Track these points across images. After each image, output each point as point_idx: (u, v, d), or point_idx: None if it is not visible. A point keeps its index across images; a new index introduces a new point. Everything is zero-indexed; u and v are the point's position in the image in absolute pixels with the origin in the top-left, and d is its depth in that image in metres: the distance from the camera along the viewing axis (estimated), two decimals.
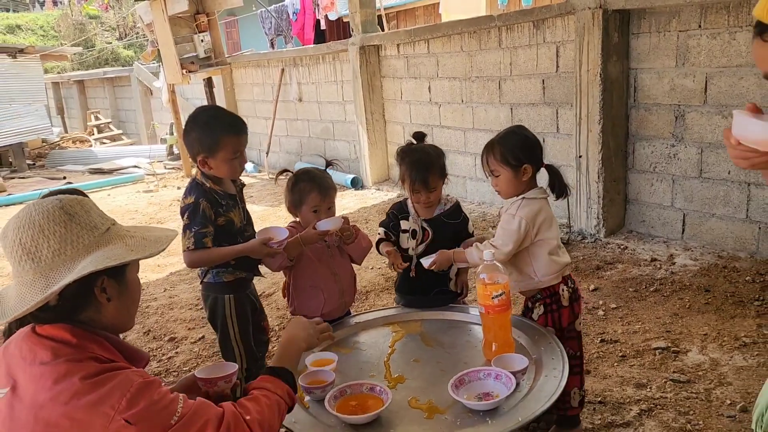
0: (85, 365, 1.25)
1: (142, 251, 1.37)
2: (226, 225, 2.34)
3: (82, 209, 1.35)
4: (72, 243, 1.30)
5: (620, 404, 2.50)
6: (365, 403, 1.81)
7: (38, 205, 1.33)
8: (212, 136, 2.28)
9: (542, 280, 2.20)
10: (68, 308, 1.31)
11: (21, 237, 1.29)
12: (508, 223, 2.15)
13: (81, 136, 12.92)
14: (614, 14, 4.20)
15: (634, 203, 4.56)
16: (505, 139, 2.17)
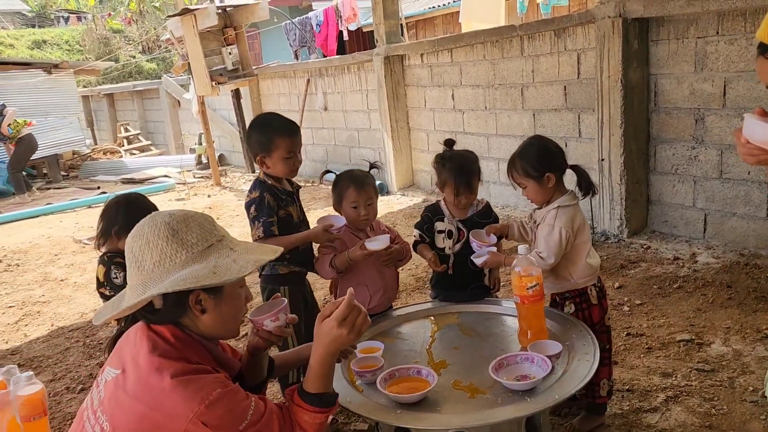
0: (175, 364, 1.42)
1: (221, 276, 1.43)
2: (286, 217, 2.58)
3: (185, 227, 1.47)
4: (170, 257, 1.44)
5: (647, 392, 2.65)
6: (413, 384, 1.99)
7: (152, 219, 1.49)
8: (267, 137, 2.54)
9: (578, 282, 2.34)
10: (170, 313, 1.47)
11: (133, 246, 1.48)
12: (550, 234, 2.27)
13: (111, 147, 13.31)
14: (634, 22, 4.36)
15: (656, 204, 4.69)
16: (524, 153, 2.32)
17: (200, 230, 1.49)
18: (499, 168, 6.06)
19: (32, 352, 3.82)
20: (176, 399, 1.37)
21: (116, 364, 1.50)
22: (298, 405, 1.53)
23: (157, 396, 1.38)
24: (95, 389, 1.53)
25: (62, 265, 5.73)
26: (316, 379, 1.55)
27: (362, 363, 2.11)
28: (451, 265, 2.56)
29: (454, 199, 2.51)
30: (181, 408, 1.36)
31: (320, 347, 1.55)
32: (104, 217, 2.52)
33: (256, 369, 1.78)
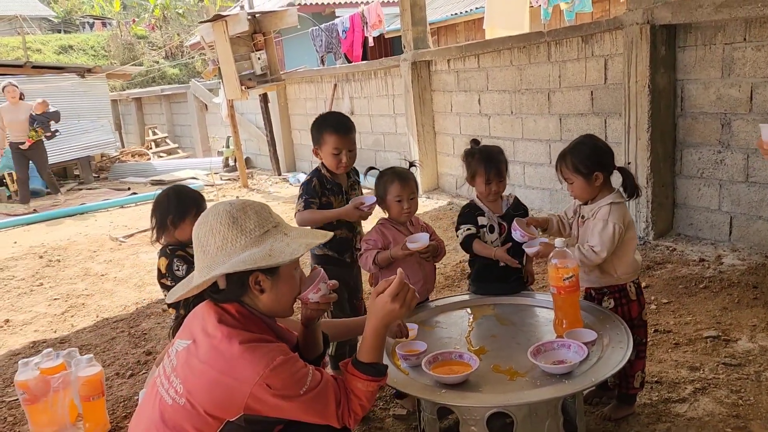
0: (242, 332, 1.59)
1: (276, 258, 1.58)
2: (326, 204, 2.84)
3: (244, 214, 1.62)
4: (232, 241, 1.60)
5: (676, 383, 2.75)
6: (455, 367, 2.12)
7: (215, 208, 1.66)
8: (319, 132, 2.83)
9: (621, 277, 2.43)
10: (233, 292, 1.64)
11: (199, 233, 1.65)
12: (604, 229, 2.34)
13: (140, 150, 13.61)
14: (661, 29, 4.46)
15: (682, 207, 4.77)
16: (576, 150, 2.40)
17: (257, 217, 1.64)
18: (524, 172, 6.17)
19: (80, 341, 4.01)
20: (244, 363, 1.53)
21: (186, 335, 1.67)
22: (352, 374, 1.68)
23: (228, 360, 1.54)
24: (166, 359, 1.69)
25: (101, 261, 5.94)
26: (370, 349, 1.70)
27: (407, 347, 2.25)
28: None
29: (485, 188, 2.62)
30: (249, 371, 1.52)
31: (374, 320, 1.69)
32: (157, 209, 2.64)
33: (312, 342, 1.92)
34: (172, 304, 2.40)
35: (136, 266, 5.65)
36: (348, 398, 1.66)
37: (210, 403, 1.53)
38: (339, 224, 2.86)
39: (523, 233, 2.45)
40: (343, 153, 2.79)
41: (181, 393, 1.57)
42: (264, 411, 1.54)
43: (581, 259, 2.36)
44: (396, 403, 2.82)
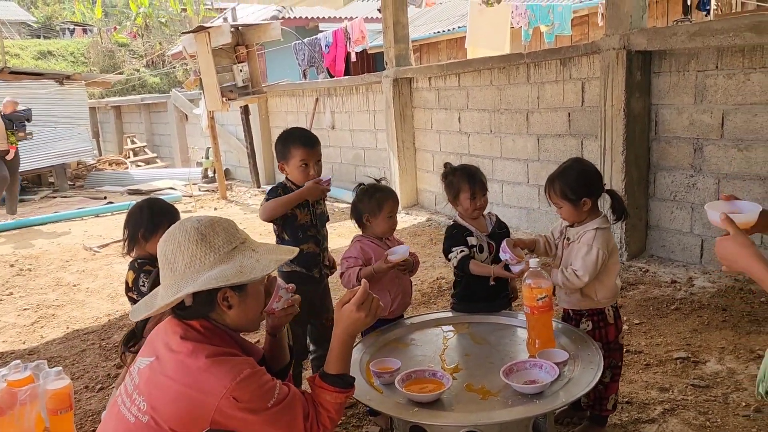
0: (208, 347, 1.58)
1: (247, 275, 1.58)
2: (291, 217, 2.85)
3: (212, 231, 1.62)
4: (200, 259, 1.59)
5: (645, 404, 2.78)
6: (429, 385, 2.12)
7: (182, 224, 1.65)
8: (285, 146, 2.84)
9: (601, 301, 2.46)
10: (200, 309, 1.63)
11: (165, 250, 1.64)
12: (588, 254, 2.36)
13: (117, 158, 13.48)
14: (637, 55, 4.57)
15: (655, 229, 4.86)
16: (563, 175, 2.42)
17: (225, 234, 1.64)
18: (502, 190, 6.23)
19: (49, 352, 3.93)
20: (210, 376, 1.52)
21: (149, 353, 1.65)
22: (320, 387, 1.70)
23: (194, 374, 1.53)
24: (128, 378, 1.67)
25: (74, 271, 5.85)
26: (338, 360, 1.73)
27: (380, 365, 2.25)
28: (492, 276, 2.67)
29: (471, 203, 2.64)
30: (215, 384, 1.51)
31: (341, 330, 1.73)
32: (129, 222, 2.65)
33: (279, 351, 1.92)
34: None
35: (110, 277, 5.58)
36: (317, 411, 1.66)
37: (175, 418, 1.52)
38: (306, 239, 2.88)
39: (512, 256, 2.46)
40: (311, 165, 2.82)
41: (144, 410, 1.55)
42: (231, 425, 1.52)
43: (564, 283, 2.39)
44: (369, 421, 2.81)
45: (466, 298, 2.74)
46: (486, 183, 2.70)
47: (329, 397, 1.68)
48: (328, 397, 1.68)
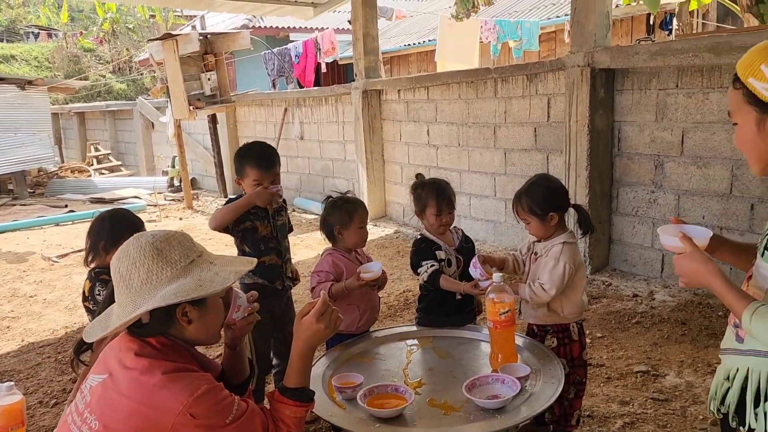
0: (164, 362, 1.54)
1: (207, 288, 1.55)
2: (251, 229, 2.82)
3: (168, 245, 1.58)
4: (156, 275, 1.55)
5: (606, 418, 2.81)
6: (391, 401, 2.11)
7: (136, 240, 1.60)
8: (241, 164, 2.81)
9: (567, 317, 2.48)
10: (158, 326, 1.58)
11: (120, 267, 1.59)
12: (555, 267, 2.38)
13: (80, 165, 13.19)
14: (600, 72, 4.66)
15: (617, 243, 4.94)
16: (530, 191, 2.45)
17: (182, 248, 1.60)
18: (470, 203, 6.28)
19: (2, 366, 3.80)
20: (167, 393, 1.47)
21: (101, 370, 1.60)
22: (279, 401, 1.67)
23: (149, 391, 1.48)
24: (79, 396, 1.62)
25: (31, 282, 5.68)
26: (297, 373, 1.71)
27: (342, 380, 2.23)
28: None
29: (436, 219, 2.64)
30: (172, 401, 1.46)
31: (300, 342, 1.71)
32: (91, 233, 2.61)
33: (239, 364, 1.88)
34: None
35: (68, 288, 5.43)
36: (276, 426, 1.63)
37: None
38: (268, 251, 2.85)
39: (482, 272, 2.46)
40: (264, 185, 2.80)
41: (95, 429, 1.50)
42: None
43: (531, 296, 2.41)
44: None
45: (432, 312, 2.73)
46: (454, 199, 2.70)
47: (289, 411, 1.65)
48: (288, 412, 1.65)
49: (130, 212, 2.75)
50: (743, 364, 1.40)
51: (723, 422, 1.48)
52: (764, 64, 1.29)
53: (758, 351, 1.36)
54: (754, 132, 1.34)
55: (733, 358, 1.45)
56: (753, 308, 1.28)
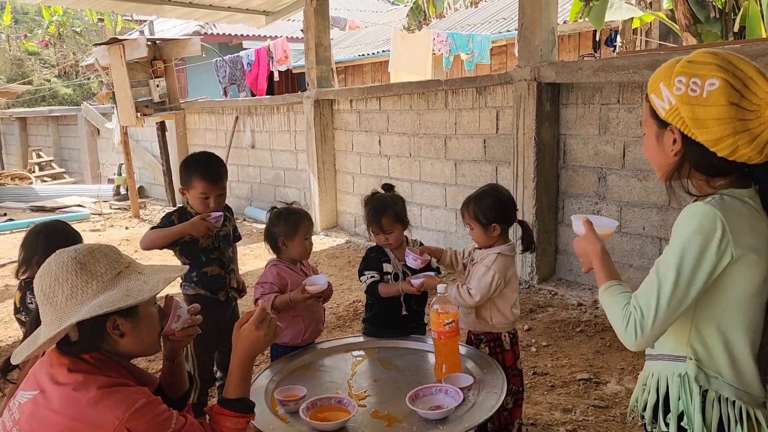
0: (99, 377, 1.49)
1: (135, 297, 1.51)
2: (191, 242, 2.75)
3: (92, 259, 1.53)
4: (81, 289, 1.49)
5: (549, 425, 2.85)
6: (334, 413, 2.09)
7: (57, 256, 1.55)
8: (188, 175, 2.74)
9: (495, 326, 2.52)
10: (89, 342, 1.52)
11: (42, 285, 1.52)
12: (484, 275, 2.42)
13: (21, 173, 12.70)
14: (546, 86, 4.78)
15: (563, 253, 5.05)
16: (480, 199, 2.49)
17: (107, 260, 1.55)
18: (421, 213, 6.31)
19: None
20: (102, 408, 1.42)
21: (31, 386, 1.53)
22: (219, 413, 1.63)
23: (84, 407, 1.43)
24: (7, 413, 1.54)
25: None
26: (238, 383, 1.68)
27: (285, 393, 2.20)
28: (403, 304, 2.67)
29: (375, 237, 2.67)
30: (108, 416, 1.41)
31: (240, 352, 1.68)
32: (25, 245, 2.52)
33: (178, 377, 1.84)
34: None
35: (3, 300, 5.20)
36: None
37: None
38: (210, 261, 2.80)
39: (416, 257, 2.48)
40: (211, 198, 2.75)
41: None
42: None
43: (456, 298, 2.45)
44: None
45: (377, 324, 2.74)
46: (388, 221, 2.63)
47: (229, 423, 1.62)
48: (228, 423, 1.61)
49: (67, 225, 2.65)
50: (655, 369, 1.44)
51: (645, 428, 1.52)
52: (663, 83, 1.36)
53: (664, 355, 1.41)
54: (655, 144, 1.43)
55: (649, 363, 1.49)
56: (608, 285, 1.41)
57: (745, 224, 1.29)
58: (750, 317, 1.33)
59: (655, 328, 1.28)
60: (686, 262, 1.27)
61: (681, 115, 1.32)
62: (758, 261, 1.29)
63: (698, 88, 1.28)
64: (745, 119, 1.26)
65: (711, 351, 1.34)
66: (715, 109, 1.27)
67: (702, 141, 1.31)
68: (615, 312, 1.35)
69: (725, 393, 1.32)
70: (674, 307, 1.28)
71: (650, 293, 1.29)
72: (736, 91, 1.26)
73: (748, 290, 1.31)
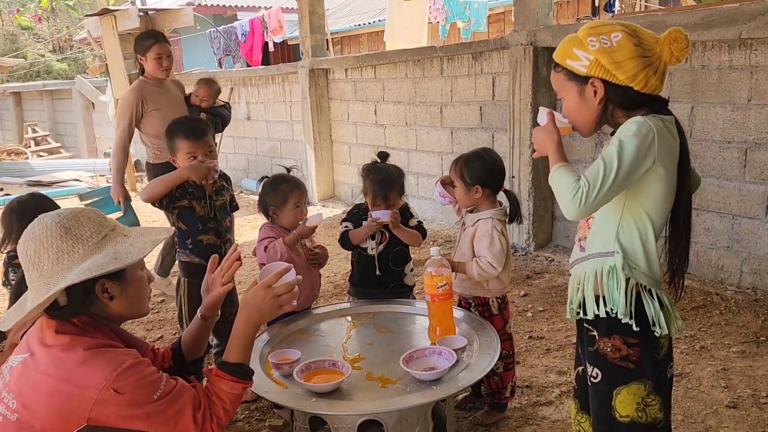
0: (87, 339, 1.49)
1: (123, 260, 1.50)
2: (188, 208, 2.75)
3: (77, 223, 1.52)
4: (68, 253, 1.48)
5: (544, 387, 2.87)
6: (328, 376, 2.10)
7: (40, 220, 1.53)
8: (171, 140, 2.73)
9: (490, 290, 2.54)
10: (77, 307, 1.51)
11: (26, 249, 1.51)
12: (492, 243, 2.41)
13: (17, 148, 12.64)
14: (543, 51, 4.71)
15: (560, 220, 5.04)
16: (469, 159, 2.49)
17: (92, 224, 1.54)
18: (417, 182, 6.29)
19: None
20: (88, 369, 1.43)
21: (23, 350, 1.54)
22: (216, 375, 1.63)
23: (70, 367, 1.43)
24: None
25: None
26: (239, 349, 1.67)
27: (279, 356, 2.21)
28: (377, 265, 2.71)
29: (373, 207, 2.66)
30: (94, 376, 1.42)
31: (245, 316, 1.68)
32: (5, 219, 2.57)
33: (201, 340, 1.87)
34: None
35: None
36: (210, 401, 1.59)
37: (47, 416, 1.41)
38: (206, 230, 2.80)
39: (443, 192, 2.52)
40: (199, 156, 2.72)
41: (13, 408, 1.44)
42: (110, 421, 1.43)
43: (479, 273, 2.42)
44: (273, 414, 2.76)
45: (357, 284, 2.82)
46: (398, 193, 2.68)
47: (225, 386, 1.61)
48: (225, 387, 1.61)
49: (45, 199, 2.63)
50: (589, 268, 1.70)
51: (579, 323, 1.83)
52: (575, 48, 1.64)
53: (594, 254, 1.69)
54: (578, 101, 1.68)
55: (579, 266, 1.76)
56: (560, 165, 1.64)
57: (664, 140, 1.58)
58: (659, 220, 1.64)
59: (596, 201, 1.54)
60: (626, 153, 1.53)
61: (601, 63, 1.60)
62: (665, 175, 1.59)
63: (608, 40, 1.59)
64: (646, 56, 1.58)
65: (632, 246, 1.64)
66: (626, 51, 1.57)
67: (622, 80, 1.59)
68: (565, 184, 1.59)
69: (642, 280, 1.64)
70: (614, 189, 1.54)
71: (597, 174, 1.54)
72: (634, 37, 1.59)
73: (659, 196, 1.62)
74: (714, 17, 3.69)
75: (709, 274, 4.06)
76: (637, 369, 1.66)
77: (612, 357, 1.67)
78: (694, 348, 3.20)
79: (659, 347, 1.67)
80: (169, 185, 2.67)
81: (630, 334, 1.64)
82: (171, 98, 4.16)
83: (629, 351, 1.65)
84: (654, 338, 1.65)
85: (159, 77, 4.06)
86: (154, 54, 3.98)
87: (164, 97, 4.10)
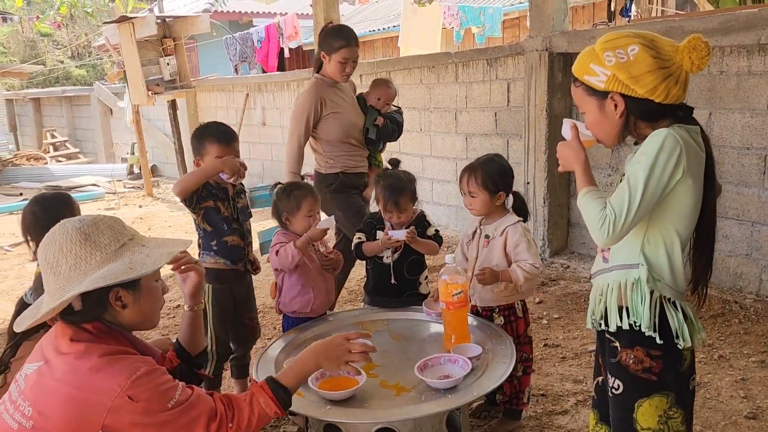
0: (102, 346, 1.50)
1: (138, 270, 1.52)
2: (214, 209, 2.75)
3: (96, 230, 1.54)
4: (85, 260, 1.51)
5: (560, 396, 2.85)
6: (343, 383, 2.10)
7: (62, 226, 1.56)
8: (200, 142, 2.73)
9: (524, 293, 2.53)
10: (91, 312, 1.53)
11: (46, 254, 1.54)
12: (529, 246, 2.43)
13: (36, 153, 12.81)
14: (558, 56, 4.69)
15: (575, 227, 5.01)
16: (487, 165, 2.47)
17: (111, 232, 1.56)
18: (432, 188, 6.28)
19: None
20: (103, 376, 1.44)
21: (37, 358, 1.55)
22: (261, 387, 1.65)
23: (85, 375, 1.44)
24: (13, 385, 1.57)
25: None
26: (294, 376, 1.74)
27: None
28: (392, 274, 2.71)
29: (384, 214, 2.67)
30: (109, 383, 1.43)
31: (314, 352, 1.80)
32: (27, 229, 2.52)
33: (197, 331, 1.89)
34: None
35: (21, 277, 5.28)
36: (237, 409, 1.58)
37: (62, 423, 1.42)
38: (231, 231, 2.79)
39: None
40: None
41: (28, 416, 1.45)
42: (124, 429, 1.44)
43: (525, 277, 2.39)
44: (288, 420, 2.76)
45: (372, 292, 2.81)
46: (409, 200, 2.67)
47: (263, 401, 1.62)
48: (262, 401, 1.62)
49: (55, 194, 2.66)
50: (612, 279, 1.69)
51: (600, 334, 1.81)
52: (592, 63, 1.63)
53: (619, 266, 1.68)
54: (599, 116, 1.68)
55: (602, 277, 1.75)
56: (588, 190, 1.65)
57: (692, 151, 1.56)
58: (686, 231, 1.63)
59: (624, 229, 1.54)
60: (651, 172, 1.52)
61: (619, 79, 1.58)
62: (693, 186, 1.57)
63: (624, 54, 1.57)
64: (666, 67, 1.55)
65: (657, 258, 1.63)
66: (644, 64, 1.55)
67: (642, 93, 1.57)
68: (593, 213, 1.60)
69: (665, 293, 1.62)
70: (641, 213, 1.54)
71: (623, 200, 1.54)
72: (652, 48, 1.56)
73: (688, 207, 1.60)
74: (732, 22, 3.66)
75: (727, 282, 4.01)
76: (659, 381, 1.64)
77: (634, 369, 1.66)
78: (712, 357, 3.16)
79: (682, 359, 1.66)
80: (203, 178, 2.65)
81: (653, 346, 1.62)
82: (348, 101, 3.82)
83: (652, 363, 1.64)
84: (677, 350, 1.63)
85: (337, 81, 3.71)
86: (341, 57, 3.56)
87: (342, 99, 3.76)
